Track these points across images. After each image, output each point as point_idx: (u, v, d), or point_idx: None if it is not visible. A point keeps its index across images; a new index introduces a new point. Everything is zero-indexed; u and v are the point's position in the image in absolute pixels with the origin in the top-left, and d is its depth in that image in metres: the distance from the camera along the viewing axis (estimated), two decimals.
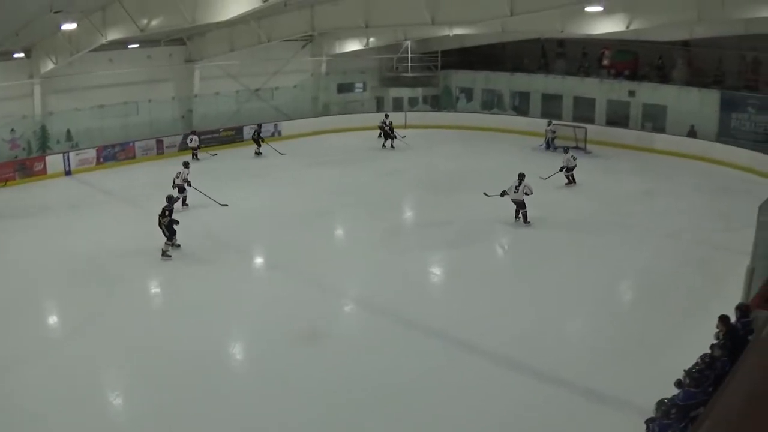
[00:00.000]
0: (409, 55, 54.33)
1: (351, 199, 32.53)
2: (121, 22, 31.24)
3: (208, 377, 16.72)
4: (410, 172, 38.39)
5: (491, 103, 55.71)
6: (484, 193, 29.80)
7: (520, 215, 28.79)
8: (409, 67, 54.92)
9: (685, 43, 46.15)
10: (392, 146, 45.42)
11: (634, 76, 48.86)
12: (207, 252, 25.54)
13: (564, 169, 34.11)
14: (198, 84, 44.33)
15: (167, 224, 24.98)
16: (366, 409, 15.45)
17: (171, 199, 25.66)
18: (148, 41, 40.15)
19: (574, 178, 34.14)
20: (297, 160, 38.54)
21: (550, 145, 44.41)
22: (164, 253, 25.00)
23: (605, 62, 50.16)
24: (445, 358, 17.94)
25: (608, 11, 37.02)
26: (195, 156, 40.90)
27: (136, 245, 25.71)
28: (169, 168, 32.89)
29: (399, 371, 17.08)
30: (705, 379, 12.90)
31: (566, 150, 34.72)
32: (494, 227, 28.57)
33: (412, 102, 56.19)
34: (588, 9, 34.98)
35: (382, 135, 45.79)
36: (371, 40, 49.94)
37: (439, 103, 57.16)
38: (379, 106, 55.45)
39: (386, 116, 46.65)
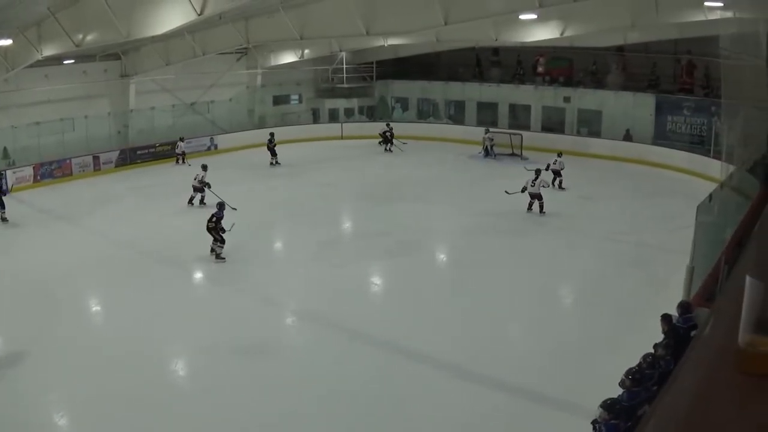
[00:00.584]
0: (345, 66, 54.27)
1: (289, 211, 32.35)
2: (57, 38, 31.00)
3: (153, 394, 16.49)
4: (348, 182, 38.36)
5: (427, 112, 55.89)
6: (505, 191, 30.29)
7: (536, 206, 30.30)
8: (345, 78, 54.80)
9: (620, 49, 46.69)
10: (390, 150, 46.89)
11: (569, 83, 49.35)
12: (148, 268, 25.22)
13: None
14: (134, 99, 43.91)
15: (215, 230, 25.42)
16: (312, 421, 15.42)
17: (221, 207, 26.09)
18: (84, 57, 39.76)
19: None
20: (234, 174, 38.38)
21: (489, 152, 44.59)
22: (218, 256, 25.42)
23: (540, 69, 50.58)
24: (389, 367, 17.86)
25: (542, 19, 37.29)
26: (180, 161, 42.72)
27: (77, 262, 25.48)
28: (106, 184, 32.72)
29: (344, 383, 17.00)
30: (647, 378, 13.04)
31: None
32: (433, 235, 28.67)
33: (348, 113, 56.14)
34: (522, 17, 35.24)
35: (383, 141, 46.99)
36: (306, 51, 49.85)
37: (375, 113, 57.10)
38: (315, 117, 55.28)
39: (388, 125, 47.65)
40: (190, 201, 32.72)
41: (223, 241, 25.44)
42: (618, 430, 11.77)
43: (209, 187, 31.92)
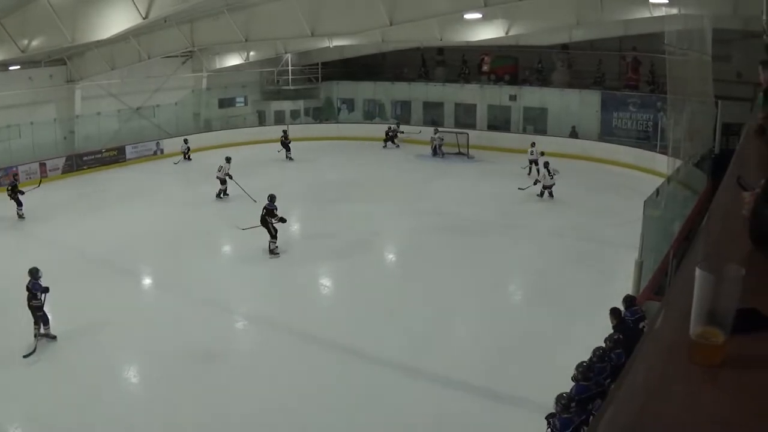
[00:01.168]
0: (290, 67, 54.30)
1: (233, 215, 32.06)
2: (2, 44, 30.69)
3: (104, 401, 16.33)
4: (294, 184, 38.23)
5: (373, 113, 55.99)
6: (519, 188, 30.58)
7: (548, 193, 31.98)
8: (290, 80, 54.85)
9: (565, 47, 46.98)
10: (394, 145, 47.80)
11: (514, 81, 49.65)
12: (95, 274, 24.96)
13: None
14: (80, 104, 43.55)
15: (276, 221, 26.07)
16: (264, 423, 15.39)
17: (273, 198, 26.42)
18: (29, 62, 39.38)
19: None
20: (179, 179, 38.17)
21: (437, 152, 44.95)
22: (272, 252, 25.86)
23: (485, 68, 50.86)
24: (339, 369, 17.86)
25: (487, 18, 37.44)
26: (187, 157, 43.77)
27: (23, 270, 25.20)
28: (52, 192, 32.49)
29: (295, 385, 16.99)
30: (598, 372, 13.15)
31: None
32: (380, 236, 28.71)
33: (294, 115, 56.09)
34: (467, 16, 35.34)
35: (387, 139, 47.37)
36: (251, 54, 49.76)
37: (321, 114, 57.17)
38: (261, 119, 55.24)
39: (393, 125, 48.46)
40: (219, 194, 34.55)
41: (274, 237, 26.11)
42: (572, 424, 11.84)
43: (231, 177, 33.69)
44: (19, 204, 31.51)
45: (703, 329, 2.36)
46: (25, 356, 18.23)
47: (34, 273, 20.04)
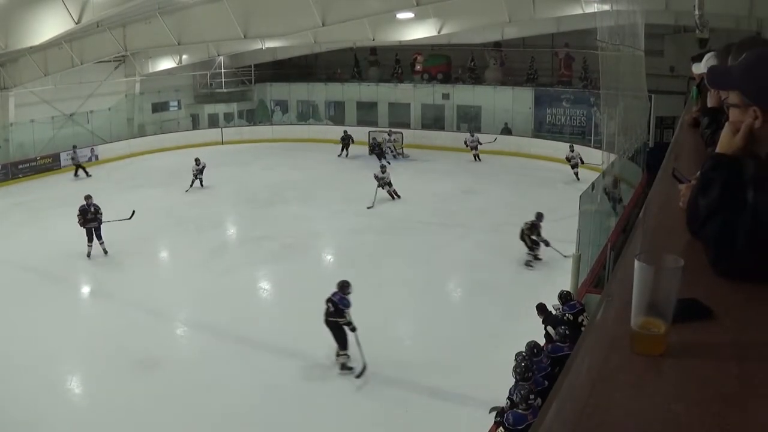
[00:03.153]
0: (223, 70, 54.23)
1: (170, 220, 31.89)
2: None
3: (47, 413, 16.12)
4: (228, 188, 38.16)
5: (307, 114, 56.01)
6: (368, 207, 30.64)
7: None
8: (223, 83, 54.75)
9: (497, 44, 47.25)
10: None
11: (447, 80, 49.83)
12: (33, 284, 24.64)
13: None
14: (13, 112, 43.16)
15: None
16: (213, 427, 15.34)
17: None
18: None
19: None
20: (112, 185, 37.94)
21: (396, 155, 44.90)
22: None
23: (418, 67, 51.16)
24: (282, 373, 17.78)
25: (419, 17, 37.62)
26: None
27: None
28: None
29: (236, 391, 16.85)
30: (536, 369, 13.22)
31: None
32: (317, 237, 28.68)
33: (228, 117, 55.97)
34: (399, 16, 35.48)
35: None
36: (184, 57, 49.57)
37: (254, 117, 57.04)
38: (195, 123, 55.04)
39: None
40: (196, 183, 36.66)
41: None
42: (525, 421, 11.91)
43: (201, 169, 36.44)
44: None
45: (645, 320, 2.39)
46: None
47: None
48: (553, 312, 16.19)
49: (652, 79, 32.12)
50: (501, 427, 12.23)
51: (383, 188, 32.67)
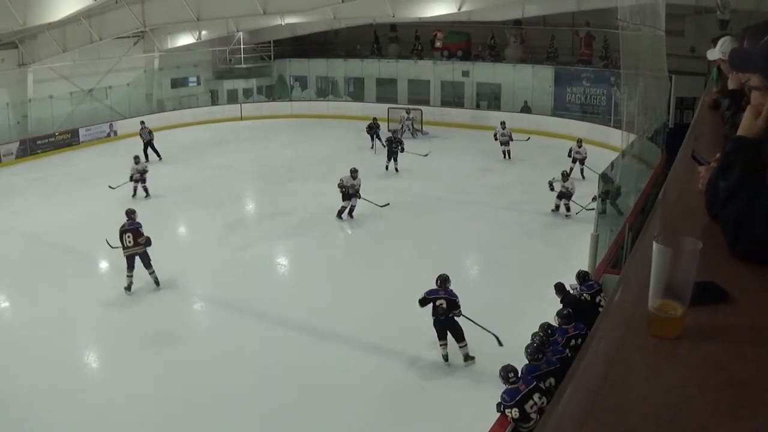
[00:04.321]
0: (242, 46, 54.02)
1: (189, 195, 32.10)
2: None
3: (66, 386, 16.20)
4: (247, 164, 38.17)
5: (326, 90, 55.91)
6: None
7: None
8: (242, 59, 54.58)
9: (518, 22, 47.09)
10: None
11: (467, 57, 49.64)
12: (52, 260, 24.75)
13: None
14: (32, 88, 43.15)
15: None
16: (225, 404, 15.36)
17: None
18: None
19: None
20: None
21: (414, 132, 44.61)
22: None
23: (438, 44, 50.88)
24: (299, 346, 17.89)
25: None
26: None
27: None
28: (7, 177, 32.24)
29: (254, 365, 17.00)
30: (554, 350, 13.22)
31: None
32: (333, 214, 28.57)
33: (247, 93, 55.91)
34: None
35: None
36: (203, 33, 49.43)
37: (273, 93, 56.93)
38: (214, 99, 54.93)
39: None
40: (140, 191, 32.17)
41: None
42: (519, 393, 11.93)
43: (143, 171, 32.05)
44: None
45: (662, 302, 2.39)
46: None
47: None
48: (572, 292, 16.17)
49: (672, 60, 31.99)
50: (506, 410, 12.22)
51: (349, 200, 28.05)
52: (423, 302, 16.61)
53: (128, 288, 21.05)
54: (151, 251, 21.41)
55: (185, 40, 49.95)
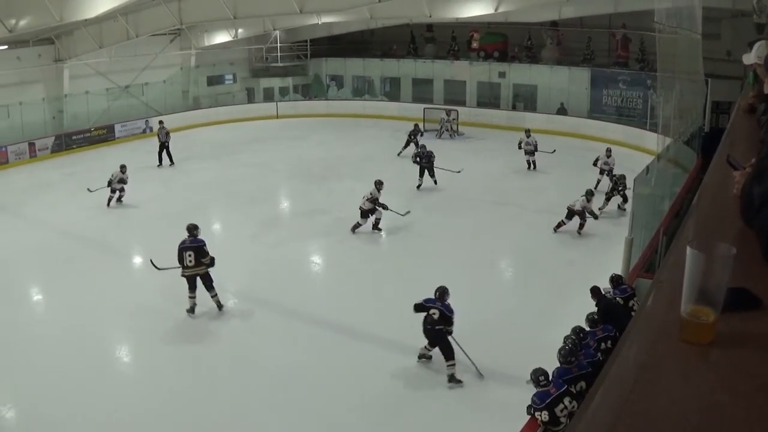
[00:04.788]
0: (279, 44, 54.11)
1: (224, 192, 32.18)
2: None
3: (97, 381, 16.26)
4: (282, 162, 38.22)
5: (362, 89, 55.94)
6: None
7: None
8: (279, 57, 54.69)
9: (554, 24, 46.98)
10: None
11: (503, 58, 49.58)
12: (85, 255, 24.85)
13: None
14: (68, 83, 43.33)
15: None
16: (258, 402, 15.39)
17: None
18: (17, 42, 39.16)
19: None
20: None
21: (452, 134, 44.63)
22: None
23: (474, 45, 50.84)
24: (332, 346, 17.91)
25: None
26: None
27: (13, 251, 25.08)
28: (43, 171, 32.44)
29: (287, 363, 16.98)
30: (586, 354, 13.18)
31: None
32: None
33: (283, 92, 55.95)
34: None
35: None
36: (240, 31, 49.56)
37: (309, 91, 56.99)
38: (250, 97, 55.09)
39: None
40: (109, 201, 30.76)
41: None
42: (549, 396, 11.91)
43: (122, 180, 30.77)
44: None
45: (694, 307, 2.38)
46: None
47: None
48: (606, 296, 16.12)
49: (708, 63, 31.84)
50: (536, 413, 12.19)
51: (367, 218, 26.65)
52: (417, 308, 16.40)
53: (191, 310, 19.65)
54: None
55: (222, 38, 50.07)
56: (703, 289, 2.37)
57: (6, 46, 38.91)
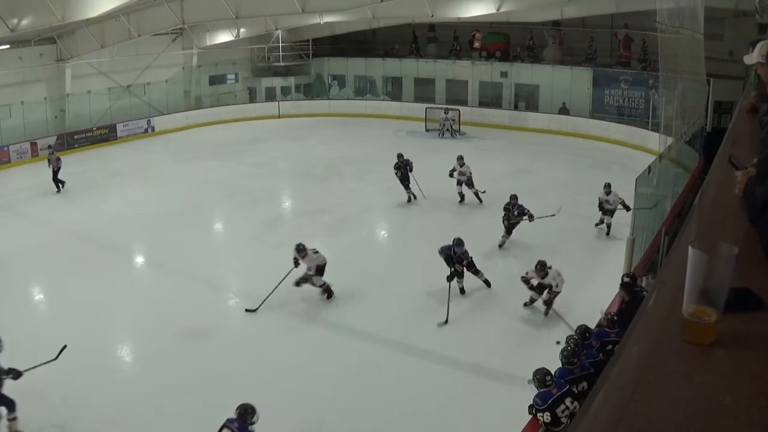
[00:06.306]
0: (281, 44, 54.07)
1: (225, 192, 32.11)
2: None
3: (99, 379, 16.31)
4: (284, 162, 38.38)
5: (364, 89, 55.92)
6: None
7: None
8: (281, 57, 54.65)
9: (556, 23, 46.98)
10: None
11: (506, 58, 49.57)
12: (89, 254, 24.81)
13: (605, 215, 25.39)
14: (70, 83, 43.31)
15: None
16: (259, 400, 15.35)
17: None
18: (19, 42, 39.17)
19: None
20: (168, 157, 38.03)
21: (452, 133, 44.75)
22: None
23: (476, 45, 50.81)
24: (333, 344, 17.97)
25: None
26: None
27: (16, 251, 25.09)
28: (45, 170, 32.42)
29: (289, 362, 17.02)
30: (588, 354, 13.15)
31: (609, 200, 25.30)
32: (372, 212, 28.63)
33: (285, 91, 55.95)
34: None
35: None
36: (242, 30, 49.48)
37: (311, 91, 57.04)
38: (252, 96, 55.12)
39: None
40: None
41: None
42: (551, 397, 11.88)
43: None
44: None
45: (696, 308, 2.38)
46: None
47: None
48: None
49: (710, 63, 31.84)
50: (538, 414, 12.16)
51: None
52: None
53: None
54: (188, 247, 21.51)
55: (224, 37, 50.03)
56: (705, 289, 2.36)
57: (8, 46, 38.90)
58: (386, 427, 14.63)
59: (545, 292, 18.89)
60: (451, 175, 29.57)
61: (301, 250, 19.97)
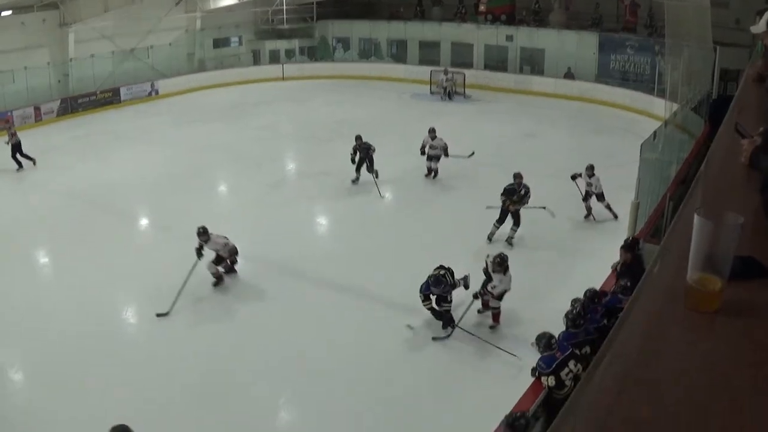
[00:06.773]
0: (284, 6, 53.78)
1: (230, 154, 32.18)
2: None
3: (105, 343, 16.34)
4: (288, 124, 38.36)
5: (368, 52, 55.72)
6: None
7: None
8: (285, 19, 54.39)
9: None
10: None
11: (511, 21, 49.36)
12: (94, 217, 24.82)
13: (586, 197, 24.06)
14: (73, 47, 43.10)
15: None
16: (268, 361, 15.42)
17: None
18: (21, 7, 39.04)
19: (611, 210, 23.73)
20: (171, 119, 37.97)
21: (450, 94, 44.59)
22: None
23: (482, 8, 50.50)
24: (337, 306, 17.99)
25: None
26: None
27: (21, 215, 25.07)
28: (49, 134, 32.38)
29: (292, 320, 17.19)
30: (591, 319, 13.14)
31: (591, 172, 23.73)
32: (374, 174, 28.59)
33: (289, 54, 55.77)
34: None
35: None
36: None
37: (316, 53, 56.89)
38: (256, 59, 54.84)
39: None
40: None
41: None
42: (555, 360, 11.87)
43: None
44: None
45: (701, 275, 2.38)
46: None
47: None
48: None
49: (717, 31, 31.70)
50: (542, 377, 12.15)
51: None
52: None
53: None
54: (191, 205, 21.51)
55: (227, 0, 49.83)
56: (710, 257, 2.36)
57: (10, 12, 38.78)
58: (386, 386, 14.65)
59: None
60: (422, 152, 28.23)
61: (202, 233, 19.36)
